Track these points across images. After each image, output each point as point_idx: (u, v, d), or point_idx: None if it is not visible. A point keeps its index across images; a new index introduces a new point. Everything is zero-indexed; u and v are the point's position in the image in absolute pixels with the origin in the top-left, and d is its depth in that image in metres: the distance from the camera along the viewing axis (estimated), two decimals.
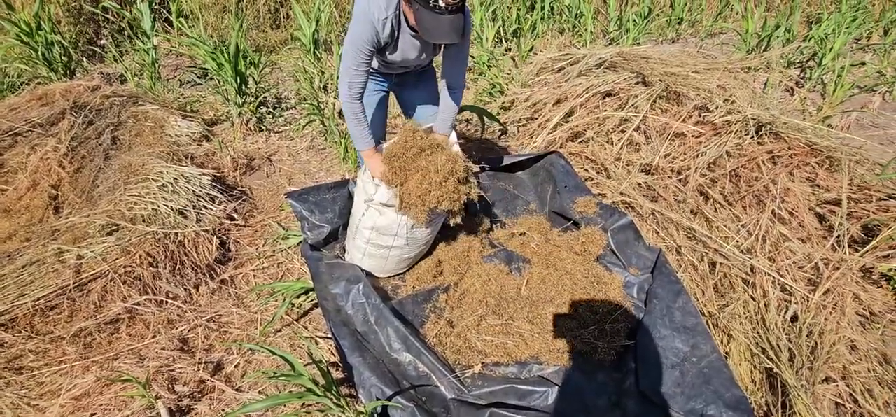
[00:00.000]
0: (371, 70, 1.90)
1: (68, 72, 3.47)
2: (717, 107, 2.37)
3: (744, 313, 1.86)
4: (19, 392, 1.72)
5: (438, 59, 2.09)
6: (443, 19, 1.53)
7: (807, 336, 1.79)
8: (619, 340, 1.83)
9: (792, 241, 2.02)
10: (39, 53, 3.28)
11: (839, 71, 3.30)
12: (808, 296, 1.88)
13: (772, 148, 2.19)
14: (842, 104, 3.31)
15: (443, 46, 1.82)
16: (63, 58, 3.43)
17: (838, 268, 1.90)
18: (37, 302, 1.90)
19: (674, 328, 1.82)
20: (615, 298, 1.95)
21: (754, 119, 2.25)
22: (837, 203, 2.07)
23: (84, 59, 3.72)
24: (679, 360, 1.71)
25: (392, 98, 2.19)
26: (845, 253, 1.94)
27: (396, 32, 1.70)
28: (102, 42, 3.92)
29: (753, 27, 4.11)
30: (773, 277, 1.93)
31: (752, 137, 2.26)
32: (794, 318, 1.86)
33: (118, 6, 3.64)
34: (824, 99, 3.39)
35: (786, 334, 1.80)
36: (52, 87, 2.98)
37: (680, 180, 2.31)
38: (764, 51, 3.92)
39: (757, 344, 1.80)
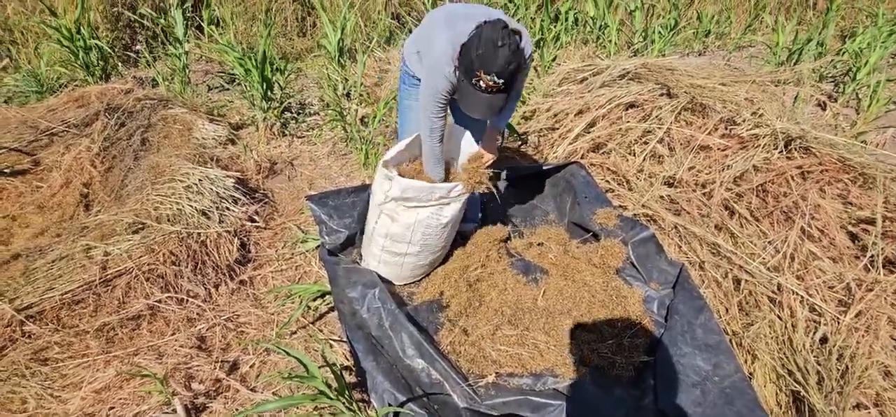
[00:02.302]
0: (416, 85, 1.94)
1: (104, 75, 3.61)
2: (744, 120, 2.31)
3: (769, 333, 1.80)
4: (43, 382, 1.77)
5: None
6: (480, 97, 1.55)
7: (837, 359, 1.71)
8: (638, 356, 1.78)
9: (822, 260, 1.94)
10: (78, 57, 3.42)
11: (875, 86, 3.18)
12: (838, 318, 1.80)
13: (801, 163, 2.11)
14: (877, 120, 3.19)
15: None
16: (100, 62, 3.57)
17: (871, 290, 1.82)
18: (64, 296, 1.96)
19: (695, 345, 1.77)
20: (634, 313, 1.90)
21: (783, 133, 2.18)
22: (871, 221, 1.98)
23: (119, 64, 3.88)
24: (700, 379, 1.66)
25: None
26: (879, 274, 1.86)
27: None
28: (137, 47, 4.07)
29: (784, 40, 4.01)
30: (802, 297, 1.86)
31: (781, 152, 2.20)
32: (824, 340, 1.79)
33: (154, 13, 3.78)
34: (858, 114, 3.27)
35: (814, 356, 1.73)
36: (88, 90, 3.10)
37: (704, 194, 2.25)
38: (794, 64, 3.81)
39: (783, 365, 1.73)
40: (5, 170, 2.55)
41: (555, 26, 4.37)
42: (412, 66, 1.88)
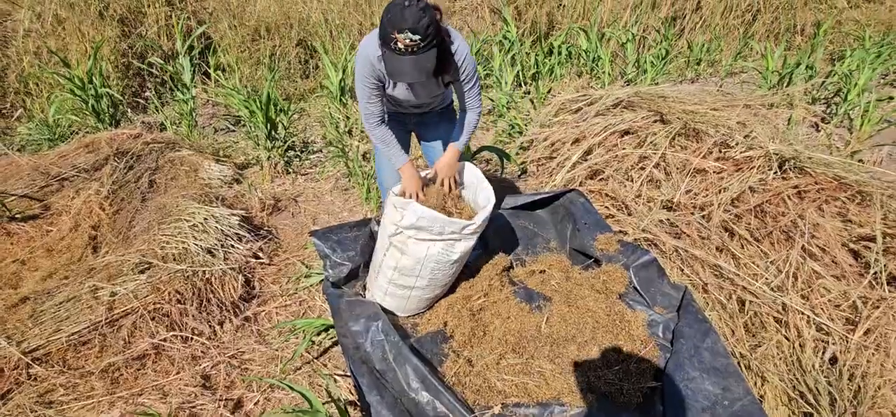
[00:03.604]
0: (386, 109, 1.98)
1: (114, 121, 3.72)
2: (737, 143, 2.35)
3: (778, 354, 1.78)
4: None
5: None
6: (404, 60, 1.56)
7: (848, 379, 1.69)
8: (645, 381, 1.76)
9: (826, 278, 1.94)
10: (89, 105, 3.54)
11: (866, 106, 3.24)
12: (847, 337, 1.79)
13: (797, 183, 2.14)
14: (870, 139, 3.23)
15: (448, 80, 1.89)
16: (110, 109, 3.69)
17: (878, 307, 1.81)
18: (70, 338, 1.97)
19: (703, 369, 1.75)
20: (639, 337, 1.89)
21: (776, 154, 2.22)
22: (872, 239, 1.98)
23: (129, 110, 4.00)
24: (710, 403, 1.64)
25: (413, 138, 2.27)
26: (885, 291, 1.85)
27: None
28: (146, 94, 4.21)
29: (774, 65, 4.10)
30: (808, 316, 1.85)
31: (776, 173, 2.22)
32: (834, 360, 1.77)
33: (162, 61, 3.93)
34: (852, 134, 3.31)
35: (824, 377, 1.71)
36: (98, 136, 3.19)
37: (703, 216, 2.27)
38: (786, 87, 3.89)
39: (794, 387, 1.71)
40: (17, 216, 2.60)
41: (549, 60, 4.50)
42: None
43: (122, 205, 2.71)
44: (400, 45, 1.52)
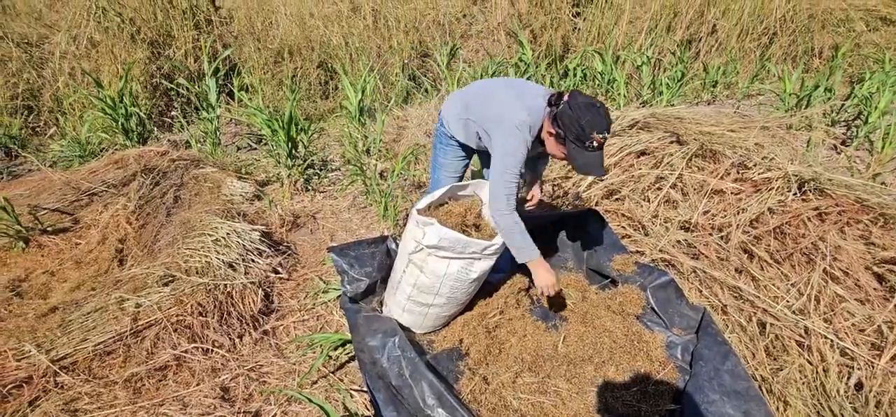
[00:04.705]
0: (460, 144, 2.09)
1: (142, 139, 3.86)
2: (755, 164, 2.34)
3: (800, 378, 1.75)
4: None
5: None
6: (595, 155, 1.69)
7: (875, 405, 1.65)
8: (664, 403, 1.74)
9: (849, 302, 1.90)
10: (119, 124, 3.68)
11: (887, 128, 3.20)
12: (872, 362, 1.74)
13: (817, 204, 2.12)
14: (892, 161, 3.18)
15: None
16: (138, 127, 3.83)
17: None
18: (96, 347, 2.02)
19: (723, 392, 1.72)
20: (658, 358, 1.88)
21: (796, 175, 2.20)
22: None
23: (155, 128, 4.14)
24: None
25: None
26: None
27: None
28: (173, 113, 4.37)
29: (792, 87, 4.08)
30: (832, 340, 1.81)
31: (795, 194, 2.21)
32: (859, 386, 1.72)
33: (188, 83, 4.08)
34: (872, 156, 3.26)
35: (850, 402, 1.67)
36: (127, 153, 3.31)
37: (721, 237, 2.26)
38: (804, 109, 3.87)
39: (818, 412, 1.67)
40: (48, 229, 2.70)
41: (564, 82, 4.55)
42: (451, 128, 2.04)
43: (148, 219, 2.80)
44: (595, 143, 1.67)
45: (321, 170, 3.68)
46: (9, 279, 2.38)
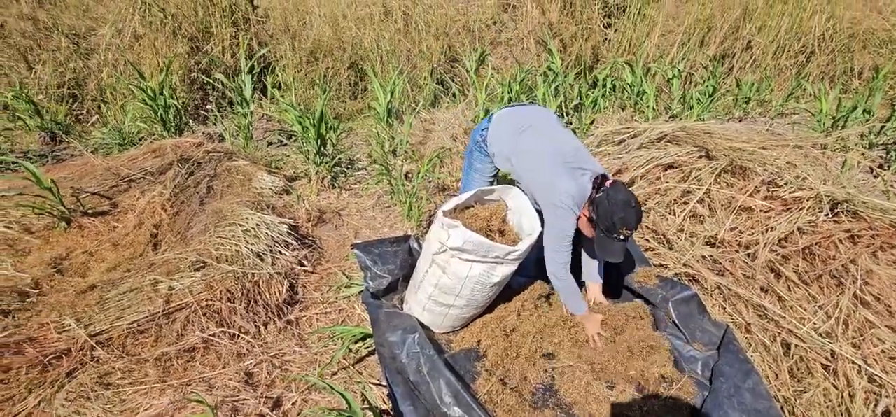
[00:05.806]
0: (490, 159, 2.21)
1: (178, 130, 4.01)
2: (786, 183, 2.30)
3: (824, 402, 1.71)
4: (104, 405, 1.90)
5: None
6: (620, 244, 1.84)
7: None
8: None
9: (879, 328, 1.85)
10: (158, 115, 3.84)
11: None
12: None
13: (849, 227, 2.07)
14: None
15: None
16: (175, 119, 3.98)
17: None
18: (131, 325, 2.12)
19: (743, 410, 1.70)
20: (676, 372, 1.86)
21: (828, 196, 2.15)
22: None
23: (191, 120, 4.30)
24: None
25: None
26: None
27: None
28: (209, 106, 4.53)
29: (828, 108, 3.97)
30: (859, 365, 1.77)
31: (827, 215, 2.16)
32: (887, 414, 1.68)
33: (225, 77, 4.23)
34: None
35: None
36: (164, 143, 3.45)
37: (748, 255, 2.22)
38: (841, 130, 3.76)
39: None
40: (88, 211, 2.84)
41: (593, 92, 4.53)
42: (495, 157, 2.16)
43: (182, 207, 2.91)
44: (622, 236, 1.82)
45: (348, 168, 3.76)
46: (51, 256, 2.50)
